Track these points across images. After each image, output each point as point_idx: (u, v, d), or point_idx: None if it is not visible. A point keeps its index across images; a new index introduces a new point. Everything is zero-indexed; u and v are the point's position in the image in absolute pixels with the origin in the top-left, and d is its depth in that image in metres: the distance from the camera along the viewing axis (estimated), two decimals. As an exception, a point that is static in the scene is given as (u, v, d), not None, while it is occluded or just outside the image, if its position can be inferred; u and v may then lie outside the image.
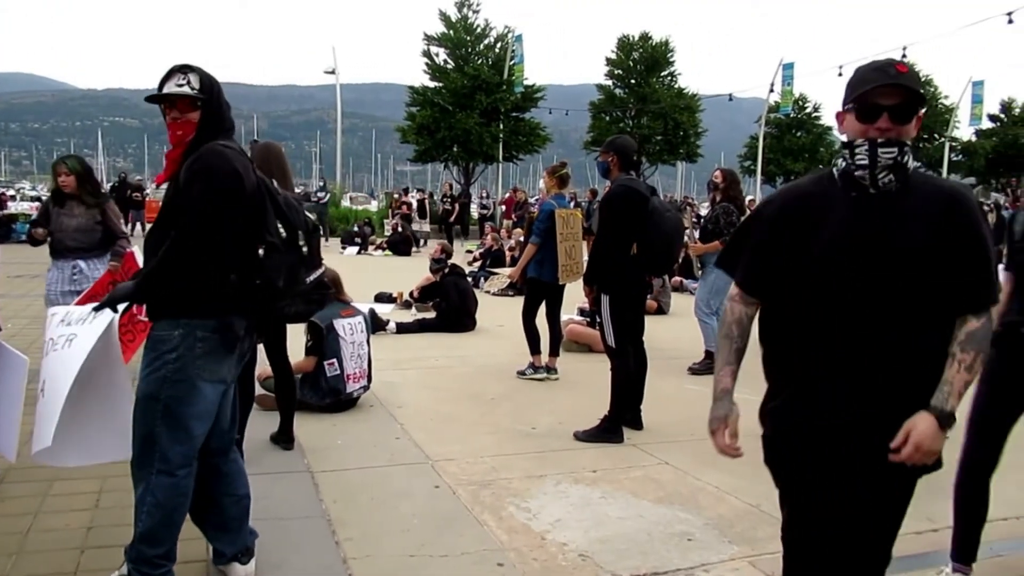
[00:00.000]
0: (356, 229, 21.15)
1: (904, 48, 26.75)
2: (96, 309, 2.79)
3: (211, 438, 2.91)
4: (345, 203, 34.67)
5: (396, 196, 25.61)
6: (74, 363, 2.70)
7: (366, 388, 5.74)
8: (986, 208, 24.68)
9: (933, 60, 46.82)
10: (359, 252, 19.87)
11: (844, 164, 2.06)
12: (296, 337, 5.28)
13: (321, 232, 3.82)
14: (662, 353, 7.56)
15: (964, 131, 39.07)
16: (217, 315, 2.74)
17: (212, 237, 2.61)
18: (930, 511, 4.05)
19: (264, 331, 3.82)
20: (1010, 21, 20.32)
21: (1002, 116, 42.86)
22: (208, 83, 2.77)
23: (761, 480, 4.39)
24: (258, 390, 5.27)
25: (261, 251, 2.70)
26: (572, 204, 24.06)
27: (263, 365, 4.80)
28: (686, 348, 7.79)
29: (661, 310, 10.72)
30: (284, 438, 4.73)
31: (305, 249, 2.87)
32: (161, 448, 2.71)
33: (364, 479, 4.31)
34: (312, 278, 2.98)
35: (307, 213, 2.96)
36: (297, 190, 5.97)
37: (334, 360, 5.41)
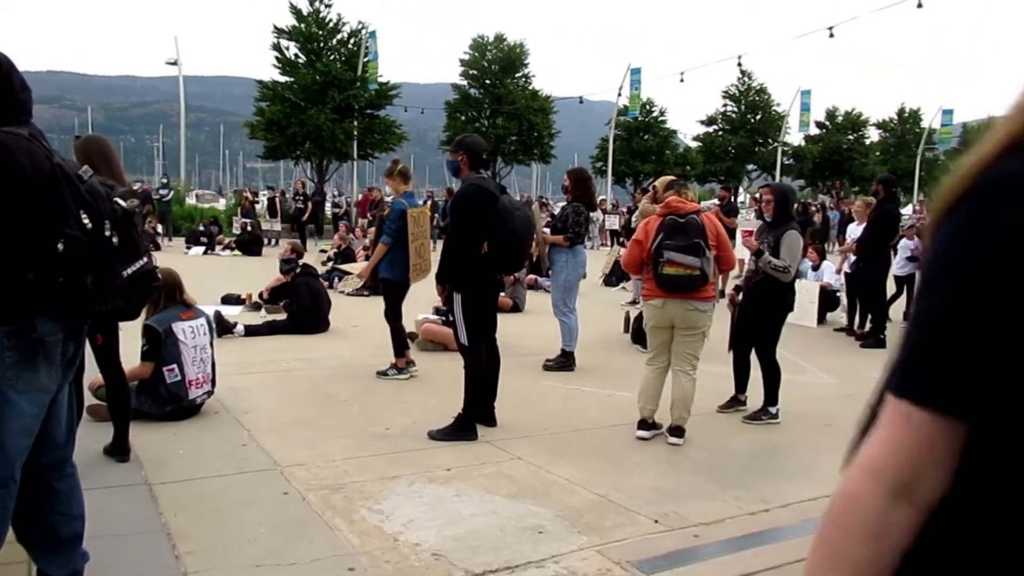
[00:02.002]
0: (202, 228, 20.24)
1: (739, 57, 28.50)
2: None
3: (42, 453, 2.68)
4: (191, 201, 33.08)
5: (246, 195, 24.66)
6: None
7: (210, 394, 5.49)
8: (813, 208, 26.62)
9: (767, 70, 50.01)
10: (206, 252, 19.05)
11: None
12: (133, 341, 4.99)
13: (145, 220, 3.55)
14: (517, 350, 7.68)
15: (795, 137, 42.00)
16: (17, 319, 2.49)
17: None
18: (764, 494, 4.33)
19: (91, 333, 3.56)
20: (831, 35, 21.97)
21: (827, 123, 46.39)
22: None
23: (610, 471, 4.57)
24: (89, 399, 4.94)
25: (60, 245, 2.47)
26: (429, 203, 24.07)
27: (95, 372, 4.48)
28: (541, 345, 7.93)
29: (516, 307, 10.88)
30: (119, 450, 4.43)
31: (117, 240, 2.64)
32: (-27, 467, 2.47)
33: (207, 489, 4.12)
34: (132, 271, 2.72)
35: (119, 200, 2.70)
36: (136, 187, 5.61)
37: (174, 365, 5.13)
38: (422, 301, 8.46)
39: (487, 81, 36.12)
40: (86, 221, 2.54)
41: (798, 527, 3.86)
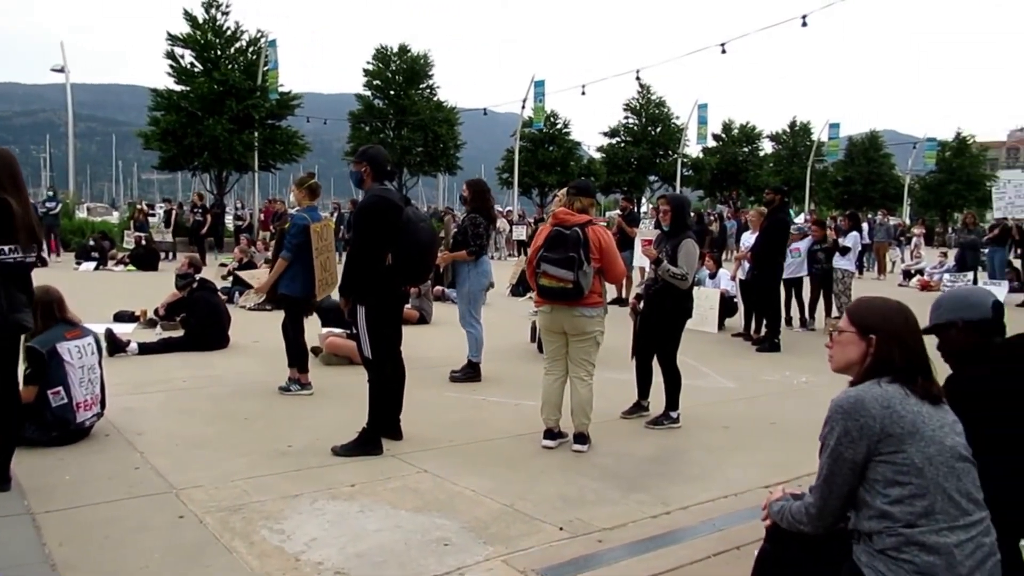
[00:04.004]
0: (92, 243, 19.34)
1: (638, 71, 29.21)
2: None
3: None
4: (81, 214, 31.61)
5: (139, 207, 23.73)
6: None
7: (99, 416, 5.24)
8: (712, 218, 27.52)
9: (666, 84, 51.39)
10: (97, 267, 18.25)
11: None
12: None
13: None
14: (424, 362, 7.64)
15: (693, 149, 43.32)
16: None
17: None
18: (665, 497, 4.43)
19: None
20: (723, 51, 22.77)
21: (723, 136, 48.09)
22: None
23: (515, 481, 4.59)
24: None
25: None
26: (335, 215, 23.72)
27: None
28: (448, 356, 7.91)
29: (423, 319, 10.82)
30: (-2, 479, 4.18)
31: None
32: None
33: (97, 516, 3.92)
34: None
35: None
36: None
37: (59, 388, 4.87)
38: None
39: (391, 92, 35.89)
40: None
41: (698, 527, 3.97)
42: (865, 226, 20.00)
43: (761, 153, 49.45)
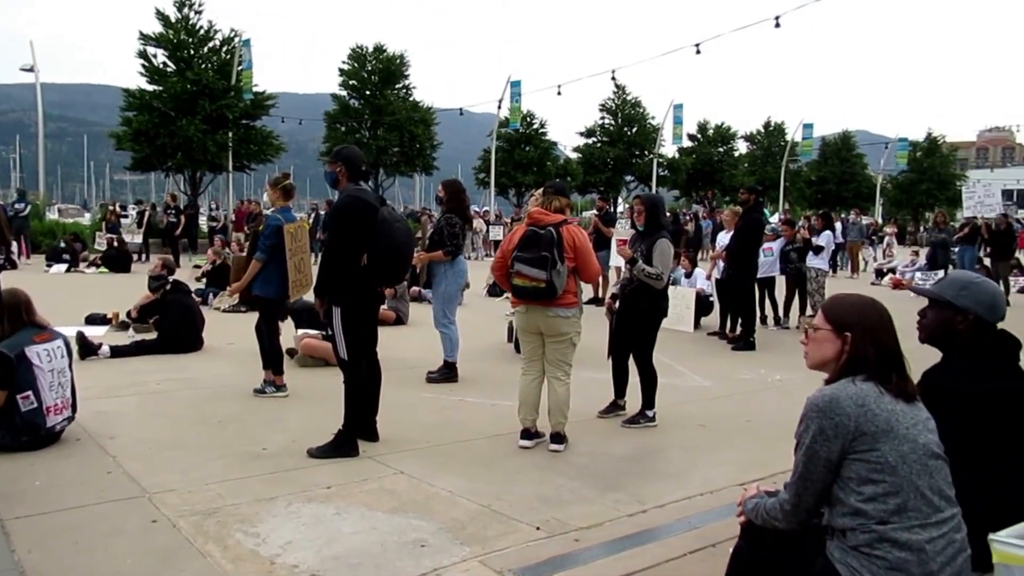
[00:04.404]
0: (63, 245, 19.08)
1: (613, 72, 29.26)
2: None
3: None
4: (52, 215, 31.15)
5: (111, 208, 23.43)
6: None
7: (70, 420, 5.16)
8: (688, 218, 27.68)
9: (641, 84, 51.58)
10: (69, 270, 18.01)
11: None
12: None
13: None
14: (400, 363, 7.61)
15: (669, 149, 43.51)
16: None
17: None
18: (641, 495, 4.45)
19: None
20: (698, 52, 22.90)
21: (699, 136, 48.37)
22: None
23: (492, 481, 4.59)
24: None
25: None
26: (312, 216, 23.55)
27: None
28: (425, 357, 7.89)
29: (400, 320, 10.79)
30: (-35, 485, 4.11)
31: None
32: None
33: (68, 521, 3.86)
34: None
35: None
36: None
37: (29, 392, 4.79)
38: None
39: (367, 92, 35.67)
40: None
41: (674, 525, 3.99)
42: (838, 225, 20.23)
43: (736, 153, 49.77)
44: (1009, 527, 2.21)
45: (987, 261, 17.79)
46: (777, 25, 20.07)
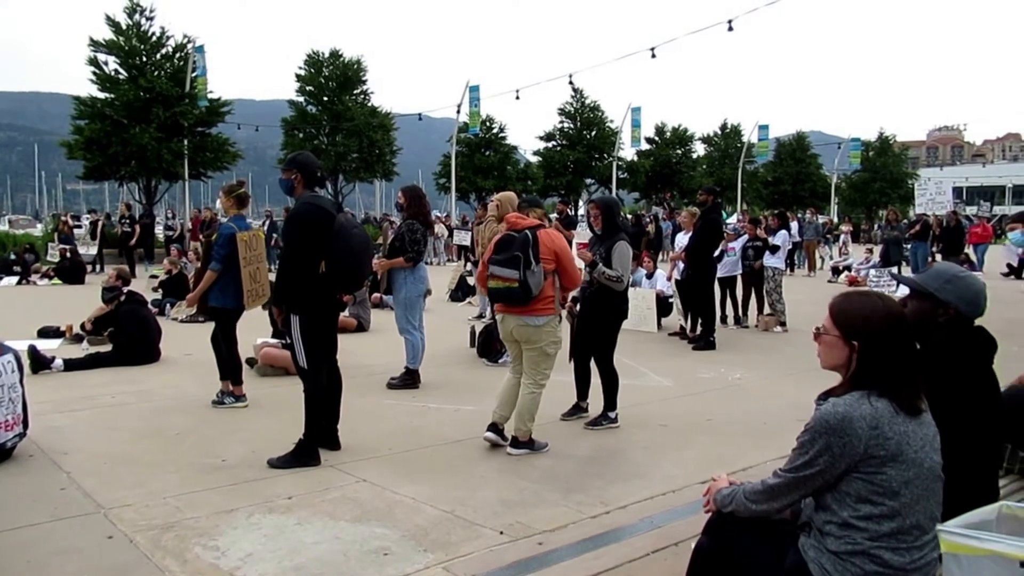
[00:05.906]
0: (14, 257, 18.64)
1: (570, 75, 29.37)
2: None
3: None
4: (3, 227, 30.42)
5: (64, 219, 22.93)
6: None
7: (22, 436, 5.03)
8: (648, 219, 27.90)
9: (599, 88, 51.91)
10: (20, 282, 17.61)
11: None
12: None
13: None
14: (363, 370, 7.57)
15: (628, 152, 43.80)
16: None
17: None
18: (604, 497, 4.47)
19: None
20: (653, 55, 23.11)
21: (657, 139, 48.79)
22: None
23: (456, 487, 4.57)
24: None
25: None
26: (267, 223, 23.28)
27: None
28: (386, 363, 7.85)
29: (362, 327, 10.71)
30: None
31: None
32: None
33: (19, 540, 3.77)
34: None
35: None
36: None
37: (-23, 408, 4.68)
38: (262, 326, 8.17)
39: (325, 98, 35.42)
40: None
41: (637, 525, 4.00)
42: (794, 224, 20.53)
43: (694, 155, 50.25)
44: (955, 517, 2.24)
45: (939, 256, 18.24)
46: (730, 28, 20.30)
